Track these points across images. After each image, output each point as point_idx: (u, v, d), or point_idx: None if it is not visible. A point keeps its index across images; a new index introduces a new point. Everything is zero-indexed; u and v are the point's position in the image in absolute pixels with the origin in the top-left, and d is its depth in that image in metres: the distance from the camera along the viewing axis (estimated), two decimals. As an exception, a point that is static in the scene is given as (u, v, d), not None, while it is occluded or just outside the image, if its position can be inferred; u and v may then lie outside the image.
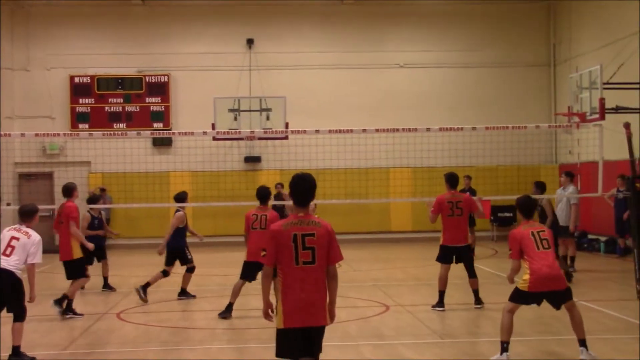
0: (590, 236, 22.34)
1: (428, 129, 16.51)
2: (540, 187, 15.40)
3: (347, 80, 25.67)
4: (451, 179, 12.59)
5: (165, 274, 13.78)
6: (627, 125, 14.10)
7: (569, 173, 17.06)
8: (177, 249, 13.81)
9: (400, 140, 21.71)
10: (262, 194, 12.20)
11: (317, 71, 25.54)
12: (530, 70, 26.18)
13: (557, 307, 8.88)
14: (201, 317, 12.28)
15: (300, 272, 6.27)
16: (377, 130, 16.34)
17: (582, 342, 8.73)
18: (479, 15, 26.09)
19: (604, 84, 16.26)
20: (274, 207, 18.08)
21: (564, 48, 25.30)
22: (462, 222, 12.35)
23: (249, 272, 11.99)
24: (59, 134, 19.02)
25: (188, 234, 14.19)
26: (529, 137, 22.22)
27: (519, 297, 8.85)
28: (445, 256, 12.44)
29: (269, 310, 6.57)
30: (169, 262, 13.80)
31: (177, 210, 13.97)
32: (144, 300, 13.40)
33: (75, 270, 12.39)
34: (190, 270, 14.04)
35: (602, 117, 15.36)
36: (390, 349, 9.71)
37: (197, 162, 23.47)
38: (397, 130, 17.02)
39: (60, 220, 12.48)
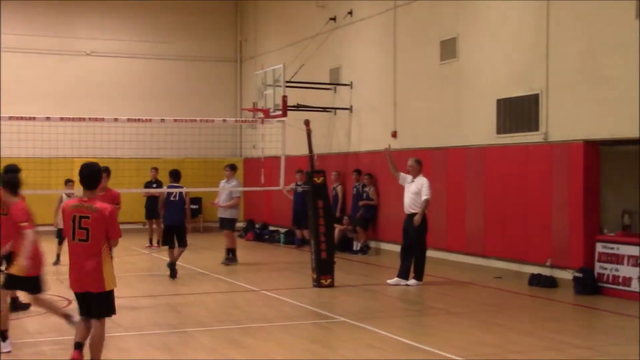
0: (271, 228, 23.38)
1: (116, 119, 16.19)
2: (173, 175, 15.97)
3: (33, 64, 24.46)
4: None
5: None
6: (307, 122, 14.95)
7: (233, 166, 17.71)
8: None
9: (87, 130, 21.09)
10: None
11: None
12: (218, 65, 26.77)
13: None
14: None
15: (76, 247, 7.31)
16: (62, 119, 15.68)
17: None
18: (171, 7, 26.15)
19: (287, 82, 17.06)
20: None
21: (250, 45, 26.19)
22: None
23: None
24: None
25: None
26: (216, 131, 22.64)
27: None
28: None
29: None
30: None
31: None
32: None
33: None
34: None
35: (285, 114, 16.06)
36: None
37: None
38: (84, 119, 16.50)
39: None
